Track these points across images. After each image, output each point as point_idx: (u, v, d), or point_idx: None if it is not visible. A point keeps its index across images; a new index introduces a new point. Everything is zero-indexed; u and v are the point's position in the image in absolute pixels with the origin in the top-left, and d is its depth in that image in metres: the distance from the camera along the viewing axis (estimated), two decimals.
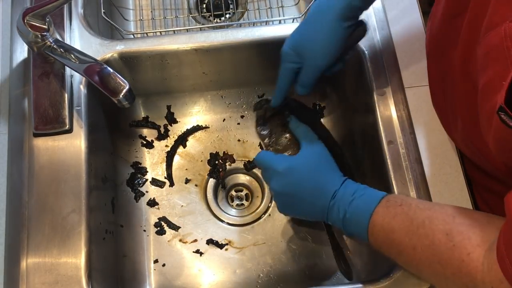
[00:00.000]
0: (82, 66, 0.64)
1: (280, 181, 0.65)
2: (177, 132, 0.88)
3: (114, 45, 0.75)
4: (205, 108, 0.90)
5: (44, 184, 0.66)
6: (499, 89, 0.42)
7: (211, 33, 0.77)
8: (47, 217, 0.64)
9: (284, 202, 0.68)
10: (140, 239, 0.81)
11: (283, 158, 0.67)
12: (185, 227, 0.82)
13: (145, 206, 0.83)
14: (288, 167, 0.65)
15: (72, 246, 0.63)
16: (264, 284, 0.79)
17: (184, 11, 0.97)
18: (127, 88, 0.61)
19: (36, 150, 0.67)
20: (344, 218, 0.61)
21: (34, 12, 0.63)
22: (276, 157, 0.67)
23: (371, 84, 0.73)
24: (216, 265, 0.80)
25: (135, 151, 0.87)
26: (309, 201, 0.64)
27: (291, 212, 0.72)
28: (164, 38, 0.78)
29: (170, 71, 0.81)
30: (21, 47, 0.73)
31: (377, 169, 0.72)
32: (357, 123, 0.81)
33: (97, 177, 0.72)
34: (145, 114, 0.89)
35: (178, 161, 0.87)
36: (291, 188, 0.65)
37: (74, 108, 0.70)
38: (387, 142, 0.69)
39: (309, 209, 0.65)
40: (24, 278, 0.61)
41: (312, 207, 0.64)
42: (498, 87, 0.42)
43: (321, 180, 0.64)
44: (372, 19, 0.77)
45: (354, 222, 0.60)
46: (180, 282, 0.79)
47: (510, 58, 0.42)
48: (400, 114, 0.71)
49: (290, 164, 0.65)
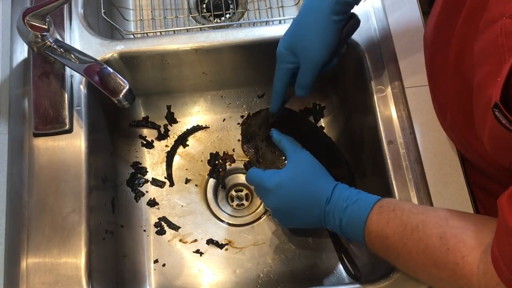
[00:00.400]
0: (82, 66, 0.64)
1: (273, 198, 0.66)
2: (177, 132, 0.88)
3: (114, 45, 0.75)
4: (205, 108, 0.90)
5: (44, 184, 0.66)
6: (493, 85, 0.42)
7: (211, 33, 0.77)
8: (47, 217, 0.64)
9: (282, 216, 0.69)
10: (140, 239, 0.81)
11: (272, 175, 0.67)
12: (185, 227, 0.82)
13: (145, 206, 0.83)
14: (277, 183, 0.65)
15: (72, 246, 0.63)
16: (264, 284, 0.79)
17: (184, 11, 0.97)
18: (127, 88, 0.61)
19: (36, 150, 0.67)
20: (341, 225, 0.61)
21: (34, 12, 0.63)
22: (265, 174, 0.67)
23: (371, 84, 0.73)
24: (216, 265, 0.80)
25: (135, 151, 0.87)
26: (305, 211, 0.64)
27: (292, 224, 0.72)
28: (164, 38, 0.78)
29: (170, 71, 0.81)
30: (21, 47, 0.73)
31: (377, 169, 0.72)
32: (357, 123, 0.81)
33: (97, 177, 0.72)
34: (145, 114, 0.89)
35: (178, 161, 0.87)
36: (284, 203, 0.65)
37: (74, 108, 0.70)
38: (387, 142, 0.69)
39: (307, 219, 0.65)
40: (24, 278, 0.61)
41: (309, 216, 0.64)
42: (493, 83, 0.42)
43: (312, 189, 0.64)
44: (372, 19, 0.77)
45: (351, 230, 0.60)
46: (180, 282, 0.79)
47: (504, 55, 0.42)
48: (400, 114, 0.71)
49: (279, 180, 0.66)
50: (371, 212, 0.58)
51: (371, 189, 0.75)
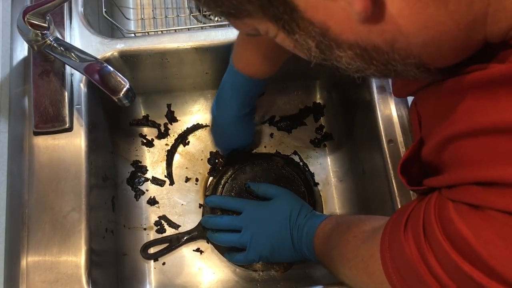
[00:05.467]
0: (82, 64, 0.64)
1: (255, 254, 0.71)
2: (177, 131, 0.88)
3: (114, 44, 0.75)
4: (205, 106, 0.90)
5: (44, 182, 0.66)
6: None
7: (211, 32, 0.77)
8: (47, 216, 0.64)
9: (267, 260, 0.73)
10: (140, 237, 0.81)
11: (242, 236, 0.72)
12: (185, 226, 0.82)
13: (145, 205, 0.83)
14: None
15: (72, 244, 0.63)
16: (264, 283, 0.79)
17: (185, 10, 0.97)
18: (127, 86, 0.61)
19: (36, 148, 0.68)
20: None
21: (35, 11, 0.62)
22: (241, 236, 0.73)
23: (371, 83, 0.73)
24: (216, 263, 0.80)
25: (135, 150, 0.87)
26: (284, 251, 0.70)
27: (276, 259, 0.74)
28: (164, 36, 0.77)
29: (171, 69, 0.81)
30: (21, 46, 0.73)
31: (377, 168, 0.72)
32: (357, 122, 0.81)
33: (97, 175, 0.72)
34: (145, 112, 0.89)
35: (178, 159, 0.87)
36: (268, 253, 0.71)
37: (74, 107, 0.70)
38: (387, 141, 0.69)
39: (289, 255, 0.70)
40: (24, 276, 0.61)
41: (289, 251, 0.69)
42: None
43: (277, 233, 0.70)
44: None
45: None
46: (180, 280, 0.79)
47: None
48: (400, 113, 0.71)
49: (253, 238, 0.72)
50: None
51: (371, 188, 0.75)
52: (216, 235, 0.75)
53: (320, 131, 0.89)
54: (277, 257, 0.70)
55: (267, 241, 0.70)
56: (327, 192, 0.86)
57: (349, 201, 0.84)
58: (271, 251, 0.70)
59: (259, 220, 0.72)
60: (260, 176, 0.81)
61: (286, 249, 0.69)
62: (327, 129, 0.89)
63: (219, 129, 0.79)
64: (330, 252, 0.60)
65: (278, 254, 0.70)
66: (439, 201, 0.39)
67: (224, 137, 0.80)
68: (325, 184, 0.86)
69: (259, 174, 0.81)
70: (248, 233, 0.71)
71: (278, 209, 0.72)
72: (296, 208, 0.70)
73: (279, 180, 0.80)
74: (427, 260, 0.39)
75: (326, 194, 0.85)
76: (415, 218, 0.42)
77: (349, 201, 0.84)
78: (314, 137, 0.89)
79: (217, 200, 0.78)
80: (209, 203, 0.79)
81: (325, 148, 0.89)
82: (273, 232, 0.70)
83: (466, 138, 0.36)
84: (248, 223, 0.72)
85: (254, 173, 0.81)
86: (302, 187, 0.80)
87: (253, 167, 0.81)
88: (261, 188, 0.77)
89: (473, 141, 0.35)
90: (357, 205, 0.82)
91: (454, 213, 0.37)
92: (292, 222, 0.69)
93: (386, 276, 0.45)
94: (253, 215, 0.73)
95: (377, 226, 0.51)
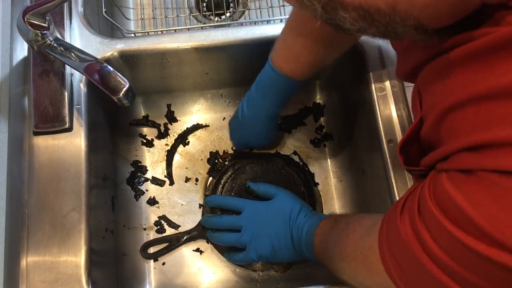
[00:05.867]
0: (82, 64, 0.64)
1: (254, 254, 0.72)
2: (177, 131, 0.88)
3: (114, 44, 0.75)
4: (205, 106, 0.90)
5: (44, 182, 0.66)
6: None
7: (211, 32, 0.77)
8: (47, 216, 0.64)
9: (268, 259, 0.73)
10: (140, 237, 0.81)
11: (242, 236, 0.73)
12: (185, 226, 0.82)
13: (145, 205, 0.83)
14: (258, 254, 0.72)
15: (72, 244, 0.63)
16: (263, 283, 0.79)
17: (185, 10, 0.97)
18: (127, 86, 0.61)
19: (36, 148, 0.67)
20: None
21: (34, 11, 0.62)
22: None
23: (371, 83, 0.73)
24: (216, 263, 0.80)
25: (135, 150, 0.87)
26: (284, 251, 0.70)
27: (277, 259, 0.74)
28: (164, 36, 0.77)
29: (170, 69, 0.81)
30: (21, 46, 0.73)
31: (377, 168, 0.72)
32: (357, 122, 0.81)
33: (97, 175, 0.72)
34: (145, 112, 0.89)
35: (178, 159, 0.87)
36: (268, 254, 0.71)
37: (74, 107, 0.70)
38: (387, 141, 0.69)
39: (289, 254, 0.70)
40: (24, 276, 0.61)
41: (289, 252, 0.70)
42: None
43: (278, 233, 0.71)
44: None
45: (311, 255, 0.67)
46: (180, 280, 0.79)
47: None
48: (400, 113, 0.71)
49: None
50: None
51: (371, 188, 0.75)
52: (216, 235, 0.75)
53: (320, 131, 0.89)
54: (277, 257, 0.70)
55: (266, 240, 0.70)
56: (326, 192, 0.86)
57: (349, 201, 0.84)
58: (271, 250, 0.70)
59: (259, 220, 0.72)
60: (260, 176, 0.81)
61: (285, 249, 0.69)
62: (327, 129, 0.89)
63: (246, 125, 0.77)
64: (329, 249, 0.61)
65: (278, 254, 0.70)
66: (434, 178, 0.40)
67: (248, 134, 0.79)
68: (325, 184, 0.86)
69: (259, 174, 0.81)
70: (247, 233, 0.71)
71: (278, 209, 0.72)
72: (296, 208, 0.70)
73: (279, 180, 0.80)
74: (421, 235, 0.39)
75: (325, 194, 0.86)
76: (411, 201, 0.42)
77: (348, 201, 0.84)
78: (314, 137, 0.89)
79: (217, 200, 0.79)
80: (209, 203, 0.79)
81: (325, 148, 0.89)
82: (272, 232, 0.70)
83: (461, 108, 0.36)
84: (248, 222, 0.72)
85: (254, 173, 0.81)
86: (302, 187, 0.80)
87: (253, 167, 0.81)
88: (261, 188, 0.77)
89: (468, 110, 0.36)
90: (356, 205, 0.82)
91: (448, 182, 0.37)
92: (291, 222, 0.69)
93: (383, 264, 0.45)
94: (253, 215, 0.73)
95: (376, 220, 0.51)
